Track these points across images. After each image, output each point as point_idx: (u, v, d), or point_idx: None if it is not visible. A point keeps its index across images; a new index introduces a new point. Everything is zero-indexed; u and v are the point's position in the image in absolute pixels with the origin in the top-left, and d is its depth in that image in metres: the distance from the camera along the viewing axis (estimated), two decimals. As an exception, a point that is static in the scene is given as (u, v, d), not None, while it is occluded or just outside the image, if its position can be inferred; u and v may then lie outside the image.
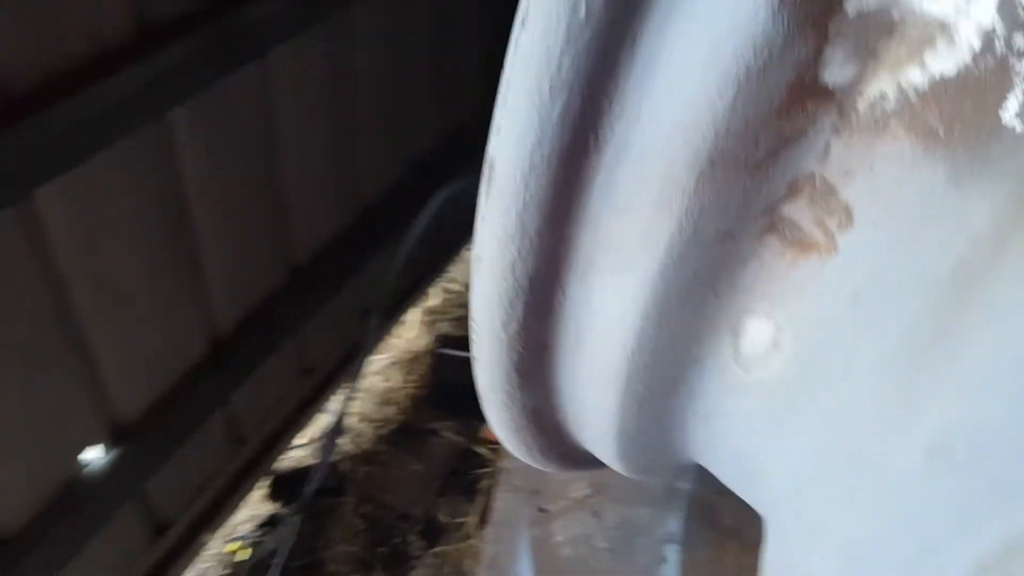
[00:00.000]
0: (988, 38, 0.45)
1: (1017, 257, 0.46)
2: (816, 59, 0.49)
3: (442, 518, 2.49)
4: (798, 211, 0.54)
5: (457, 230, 2.87)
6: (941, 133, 0.47)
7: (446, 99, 2.50)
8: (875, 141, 0.49)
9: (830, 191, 0.52)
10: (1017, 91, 0.44)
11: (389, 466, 2.54)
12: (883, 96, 0.48)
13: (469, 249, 3.16)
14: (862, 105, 0.49)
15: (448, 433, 2.69)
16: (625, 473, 0.81)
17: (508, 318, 0.64)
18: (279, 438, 2.32)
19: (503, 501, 1.26)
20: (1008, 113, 0.45)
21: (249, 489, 2.27)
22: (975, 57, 0.45)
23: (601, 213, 0.58)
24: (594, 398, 0.68)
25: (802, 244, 0.54)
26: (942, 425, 0.49)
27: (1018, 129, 0.44)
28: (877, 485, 0.54)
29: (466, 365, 2.44)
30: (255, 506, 2.41)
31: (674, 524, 1.28)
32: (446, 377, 2.68)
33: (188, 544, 2.04)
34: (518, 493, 1.29)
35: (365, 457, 2.55)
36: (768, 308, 0.58)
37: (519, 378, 0.69)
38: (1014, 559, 0.48)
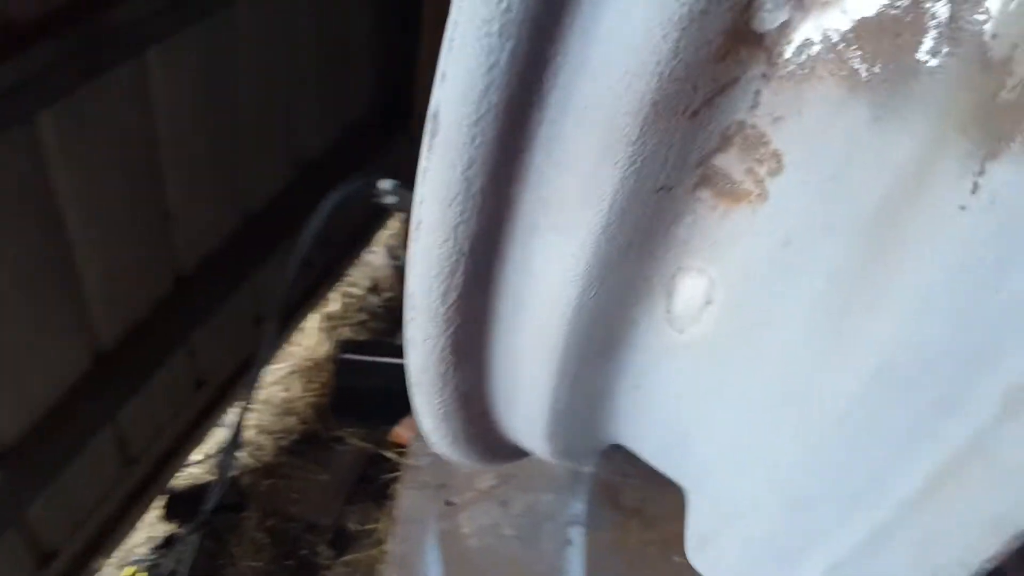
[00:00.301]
0: None
1: (937, 186, 0.47)
2: (749, 4, 0.49)
3: (351, 526, 2.44)
4: (729, 161, 0.54)
5: (354, 232, 2.83)
6: (863, 74, 0.48)
7: (335, 100, 2.45)
8: (802, 86, 0.50)
9: (760, 138, 0.53)
10: (931, 30, 0.46)
11: (292, 478, 2.47)
12: (809, 42, 0.49)
13: (371, 251, 3.11)
14: (789, 51, 0.50)
15: (354, 440, 2.64)
16: (548, 456, 0.80)
17: (448, 288, 0.62)
18: (174, 455, 2.23)
19: (408, 498, 1.24)
20: (923, 51, 0.46)
21: (144, 510, 2.17)
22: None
23: (544, 169, 0.56)
24: (529, 370, 0.67)
25: (734, 194, 0.55)
26: (880, 353, 0.51)
27: (932, 65, 0.46)
28: (821, 421, 0.55)
29: (369, 370, 2.41)
30: (152, 527, 2.31)
31: (579, 507, 1.28)
32: (349, 383, 2.62)
33: (79, 571, 1.94)
34: (424, 489, 1.27)
35: (267, 470, 2.47)
36: (701, 263, 0.58)
37: (454, 356, 0.67)
38: (964, 467, 0.50)
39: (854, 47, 0.48)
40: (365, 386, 2.57)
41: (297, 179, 2.33)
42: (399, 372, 0.74)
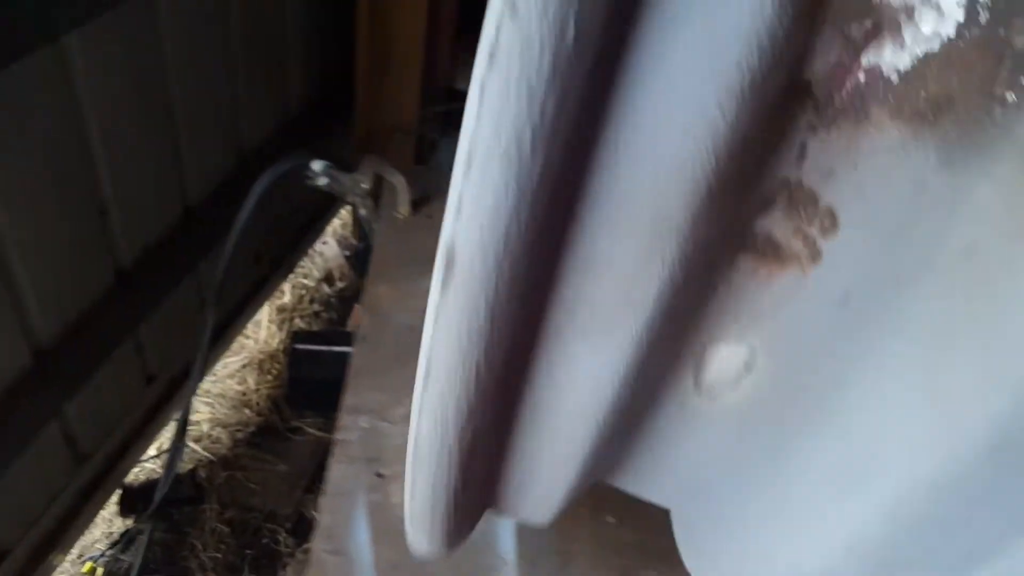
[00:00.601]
0: (972, 7, 0.41)
1: None
2: (803, 53, 0.44)
3: (312, 514, 2.45)
4: (773, 224, 0.49)
5: (305, 223, 2.83)
6: (930, 115, 0.43)
7: (273, 88, 2.45)
8: (856, 134, 0.45)
9: (809, 196, 0.48)
10: (1007, 60, 0.41)
11: (250, 469, 2.47)
12: (862, 84, 0.44)
13: (324, 242, 3.08)
14: (839, 97, 0.45)
15: (312, 430, 2.64)
16: (543, 524, 0.76)
17: (463, 432, 0.55)
18: (128, 450, 2.22)
19: (338, 471, 1.25)
20: (1000, 85, 0.41)
21: (99, 506, 2.17)
22: (959, 29, 0.41)
23: (575, 280, 0.50)
24: (547, 471, 0.63)
25: (779, 258, 0.50)
26: (996, 428, 0.44)
27: (1011, 100, 0.41)
28: (915, 495, 0.49)
29: (323, 359, 2.41)
30: (110, 523, 2.31)
31: (509, 473, 1.29)
32: (304, 373, 2.62)
33: (34, 569, 1.94)
34: (354, 463, 1.28)
35: (224, 463, 2.48)
36: (739, 331, 0.54)
37: (464, 490, 0.61)
38: None
39: (917, 86, 0.43)
40: (320, 376, 2.57)
41: (238, 168, 2.33)
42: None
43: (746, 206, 0.49)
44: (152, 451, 2.36)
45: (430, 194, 1.70)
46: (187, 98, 2.04)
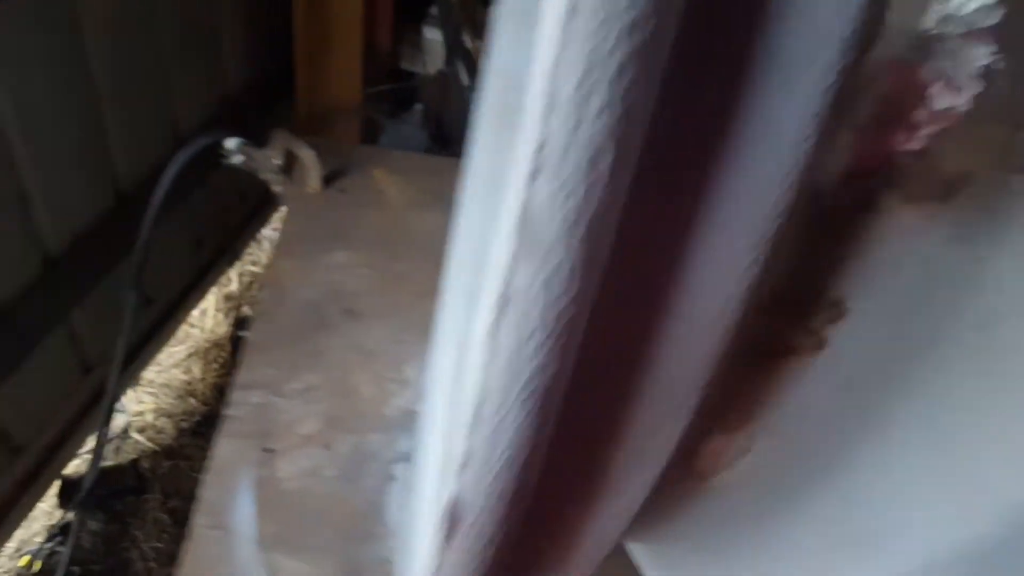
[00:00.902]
0: (988, 78, 0.39)
1: None
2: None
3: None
4: (777, 322, 0.49)
5: (249, 209, 2.79)
6: (945, 194, 0.42)
7: (209, 72, 2.41)
8: (865, 223, 0.44)
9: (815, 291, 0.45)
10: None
11: (195, 459, 2.45)
12: (871, 173, 0.42)
13: (275, 229, 3.03)
14: (847, 189, 0.43)
15: (262, 418, 2.62)
16: None
17: None
18: (65, 441, 2.19)
19: (224, 447, 1.22)
20: (1018, 154, 0.40)
21: (36, 499, 2.14)
22: (976, 102, 0.40)
23: (592, 453, 0.50)
24: None
25: (783, 352, 0.49)
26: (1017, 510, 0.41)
27: None
28: (930, 567, 0.47)
29: (271, 346, 2.26)
30: (51, 515, 2.28)
31: (406, 443, 1.27)
32: (251, 361, 2.59)
33: (-37, 563, 1.92)
34: (242, 438, 1.26)
35: (168, 452, 2.45)
36: (737, 421, 0.53)
37: None
38: None
39: (931, 167, 0.41)
40: (267, 363, 2.54)
41: (174, 152, 2.29)
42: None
43: (751, 315, 0.46)
44: (93, 443, 2.33)
45: (343, 168, 1.67)
46: (112, 79, 2.00)
